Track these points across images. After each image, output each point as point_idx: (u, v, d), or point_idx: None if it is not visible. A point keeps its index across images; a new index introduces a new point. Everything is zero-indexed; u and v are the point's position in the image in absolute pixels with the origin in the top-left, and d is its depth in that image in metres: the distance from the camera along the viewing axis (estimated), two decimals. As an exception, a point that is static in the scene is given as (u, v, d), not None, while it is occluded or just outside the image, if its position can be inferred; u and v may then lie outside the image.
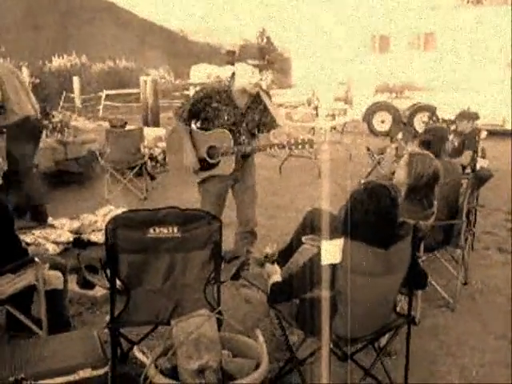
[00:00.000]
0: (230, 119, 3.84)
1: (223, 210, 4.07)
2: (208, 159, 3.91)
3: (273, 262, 2.88)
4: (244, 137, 3.91)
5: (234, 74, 3.88)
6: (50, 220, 4.47)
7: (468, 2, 22.90)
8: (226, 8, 29.91)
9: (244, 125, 3.90)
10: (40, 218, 4.90)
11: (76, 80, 16.32)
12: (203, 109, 3.83)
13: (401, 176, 3.49)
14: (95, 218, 4.49)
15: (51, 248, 3.88)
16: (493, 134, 8.45)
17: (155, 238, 2.46)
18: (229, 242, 3.97)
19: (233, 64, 3.92)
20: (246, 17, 28.91)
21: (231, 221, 4.22)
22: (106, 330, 2.63)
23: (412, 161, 3.43)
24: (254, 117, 3.91)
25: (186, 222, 2.51)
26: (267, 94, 3.99)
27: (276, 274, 2.75)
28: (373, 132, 13.42)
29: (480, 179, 4.03)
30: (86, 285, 3.63)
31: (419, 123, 12.16)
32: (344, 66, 16.02)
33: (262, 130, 3.97)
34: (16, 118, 4.79)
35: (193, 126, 4.01)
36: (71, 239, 4.08)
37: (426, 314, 3.59)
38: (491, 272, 4.40)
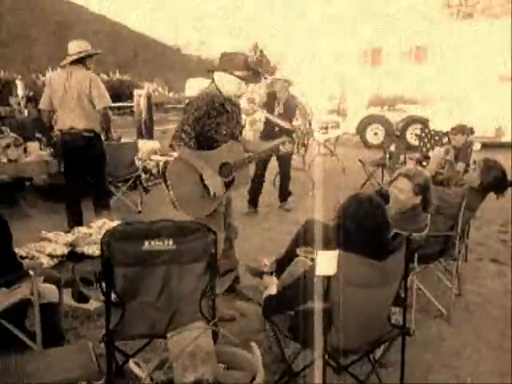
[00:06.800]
0: (228, 131, 3.60)
1: None
2: (223, 179, 3.52)
3: (271, 273, 2.89)
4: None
5: (213, 80, 3.58)
6: (43, 233, 4.44)
7: (458, 17, 23.19)
8: (220, 22, 30.15)
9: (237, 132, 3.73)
10: (105, 205, 5.46)
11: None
12: (203, 126, 3.49)
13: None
14: (90, 231, 4.46)
15: (46, 261, 3.85)
16: (485, 146, 8.51)
17: (150, 250, 2.46)
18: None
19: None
20: (239, 31, 29.13)
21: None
22: (101, 344, 2.62)
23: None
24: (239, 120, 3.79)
25: (181, 234, 2.51)
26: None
27: (273, 285, 2.76)
28: (366, 144, 13.50)
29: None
30: (81, 298, 3.61)
31: (412, 135, 12.28)
32: (337, 79, 16.14)
33: None
34: None
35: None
36: (66, 252, 4.06)
37: (421, 325, 3.61)
38: (485, 283, 4.42)
